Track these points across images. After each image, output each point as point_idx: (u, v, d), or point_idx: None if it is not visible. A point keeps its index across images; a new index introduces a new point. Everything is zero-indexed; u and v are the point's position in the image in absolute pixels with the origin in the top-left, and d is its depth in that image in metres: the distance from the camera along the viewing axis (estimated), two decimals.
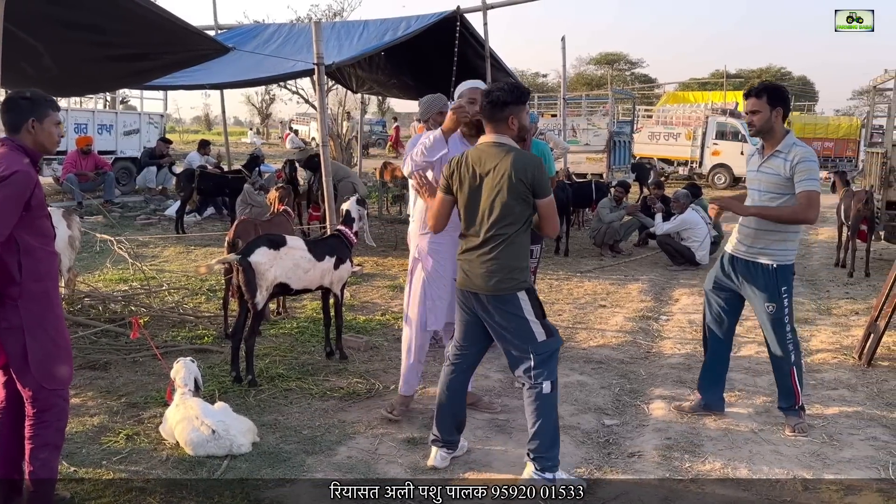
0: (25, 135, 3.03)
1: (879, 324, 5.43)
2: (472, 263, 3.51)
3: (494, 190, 3.40)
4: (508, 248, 3.44)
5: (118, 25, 5.89)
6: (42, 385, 3.04)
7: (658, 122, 25.70)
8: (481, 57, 10.26)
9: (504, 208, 3.39)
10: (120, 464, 3.72)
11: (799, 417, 4.24)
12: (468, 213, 3.52)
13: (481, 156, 3.48)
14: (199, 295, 7.19)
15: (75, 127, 15.20)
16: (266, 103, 49.01)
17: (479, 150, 3.53)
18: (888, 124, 10.05)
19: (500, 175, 3.38)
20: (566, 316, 6.84)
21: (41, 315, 3.02)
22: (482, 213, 3.46)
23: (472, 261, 3.51)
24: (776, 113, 4.06)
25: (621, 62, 57.72)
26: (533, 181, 3.37)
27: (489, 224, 3.44)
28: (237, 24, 13.58)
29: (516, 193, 3.37)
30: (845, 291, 8.10)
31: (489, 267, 3.45)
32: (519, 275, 3.47)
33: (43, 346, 3.02)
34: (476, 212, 3.48)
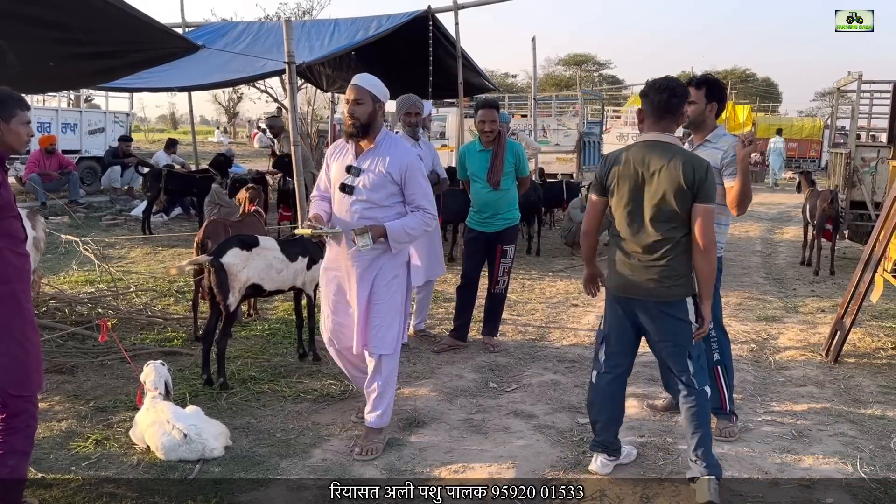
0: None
1: (845, 321, 5.54)
2: (635, 269, 3.35)
3: (661, 191, 3.24)
4: (678, 253, 3.31)
5: (85, 23, 5.77)
6: (9, 391, 2.96)
7: (626, 122, 25.93)
8: (453, 57, 10.26)
9: (672, 211, 3.25)
10: (89, 469, 3.65)
11: (729, 421, 4.14)
12: (629, 215, 3.33)
13: (645, 155, 3.30)
14: (168, 297, 7.08)
15: (38, 126, 14.87)
16: (233, 102, 48.50)
17: (641, 148, 3.33)
18: (852, 125, 10.27)
19: (670, 176, 3.23)
20: (539, 315, 6.87)
21: (8, 318, 2.94)
22: (647, 215, 3.29)
23: (636, 265, 3.35)
24: (710, 107, 4.05)
25: (589, 63, 58.24)
26: (700, 184, 3.23)
27: (657, 227, 3.28)
28: (205, 21, 13.38)
29: (683, 196, 3.23)
30: (811, 290, 8.25)
31: (660, 272, 3.31)
32: (688, 280, 3.36)
33: (9, 350, 2.94)
34: (639, 214, 3.31)
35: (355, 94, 3.73)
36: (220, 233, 5.61)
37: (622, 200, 3.35)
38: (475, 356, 5.58)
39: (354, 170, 3.80)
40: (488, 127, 5.53)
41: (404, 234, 3.81)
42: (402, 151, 3.85)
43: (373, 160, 3.79)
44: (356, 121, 3.74)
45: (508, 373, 5.24)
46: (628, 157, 3.34)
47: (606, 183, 3.41)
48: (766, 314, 6.96)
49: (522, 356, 5.62)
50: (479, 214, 5.67)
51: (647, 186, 3.29)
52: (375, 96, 3.76)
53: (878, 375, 5.27)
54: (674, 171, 3.24)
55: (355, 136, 3.80)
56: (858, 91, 10.15)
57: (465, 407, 4.59)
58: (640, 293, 3.38)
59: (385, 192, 3.79)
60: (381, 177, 3.76)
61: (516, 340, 6.05)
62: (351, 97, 3.74)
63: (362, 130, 3.76)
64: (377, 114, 3.79)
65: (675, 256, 3.31)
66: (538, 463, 3.82)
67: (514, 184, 5.70)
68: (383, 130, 3.88)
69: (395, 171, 3.77)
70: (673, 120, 3.36)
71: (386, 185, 3.78)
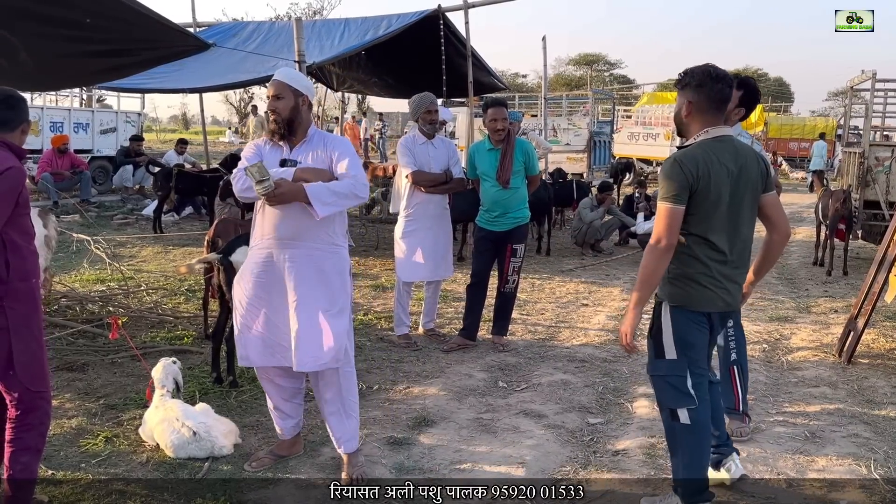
0: (18, 135, 3.05)
1: (859, 322, 5.48)
2: (732, 278, 3.10)
3: (749, 191, 3.05)
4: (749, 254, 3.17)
5: (95, 21, 5.80)
6: (27, 387, 2.97)
7: (637, 122, 25.84)
8: (463, 56, 10.25)
9: (755, 210, 3.10)
10: (99, 466, 3.66)
11: (741, 422, 4.07)
12: (728, 220, 3.02)
13: (728, 153, 3.01)
14: (178, 295, 7.10)
15: (51, 125, 14.98)
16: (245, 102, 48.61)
17: (718, 145, 3.02)
18: (865, 124, 10.18)
19: (754, 173, 3.06)
20: (548, 315, 6.84)
21: (27, 315, 2.96)
22: (741, 220, 3.06)
23: (733, 275, 3.10)
24: (738, 112, 3.95)
25: (600, 63, 58.07)
26: (767, 174, 3.10)
27: (747, 230, 3.08)
28: (216, 21, 13.43)
29: (759, 189, 3.08)
30: (824, 290, 8.19)
31: (743, 280, 3.18)
32: None
33: (28, 347, 2.96)
34: (735, 218, 3.04)
35: (275, 89, 3.46)
36: (231, 231, 5.59)
37: (718, 205, 2.98)
38: (484, 355, 5.56)
39: (291, 162, 3.46)
40: (500, 125, 5.51)
41: (328, 193, 3.33)
42: (337, 140, 3.65)
43: (309, 152, 3.49)
44: (277, 116, 3.47)
45: (518, 372, 5.22)
46: (714, 157, 2.98)
47: (697, 188, 2.95)
48: (779, 314, 6.91)
49: (532, 356, 5.59)
50: (488, 213, 5.65)
51: (738, 187, 3.02)
52: (297, 90, 3.49)
53: (892, 376, 5.21)
54: (754, 166, 3.07)
55: (279, 133, 3.48)
56: (872, 90, 10.06)
57: (474, 406, 4.57)
58: (731, 306, 3.14)
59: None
60: (317, 166, 3.48)
61: (526, 340, 6.02)
62: (271, 93, 3.48)
63: (286, 126, 3.47)
64: (300, 108, 3.49)
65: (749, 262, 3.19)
66: (548, 463, 3.80)
67: (523, 182, 5.68)
68: (313, 126, 3.62)
69: (327, 158, 3.50)
70: (725, 111, 3.13)
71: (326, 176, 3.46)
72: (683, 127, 3.15)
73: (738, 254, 3.09)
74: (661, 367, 3.15)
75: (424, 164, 5.67)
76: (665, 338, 3.12)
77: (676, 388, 3.10)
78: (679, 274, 3.08)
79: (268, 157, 3.48)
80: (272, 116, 3.50)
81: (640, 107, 29.77)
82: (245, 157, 3.54)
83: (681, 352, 3.10)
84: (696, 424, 3.09)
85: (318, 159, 3.49)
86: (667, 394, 3.15)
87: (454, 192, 5.95)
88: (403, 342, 5.71)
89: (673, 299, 3.11)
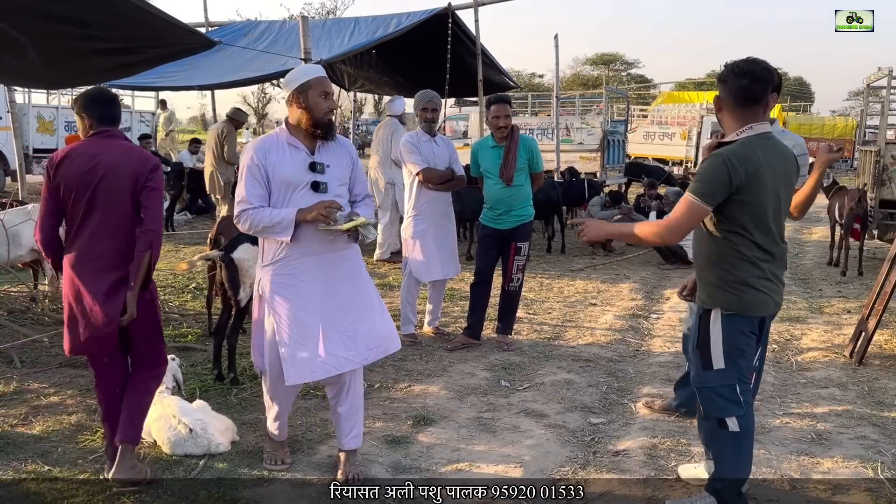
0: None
1: (870, 322, 5.38)
2: (781, 283, 3.02)
3: (788, 189, 2.98)
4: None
5: (102, 19, 5.82)
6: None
7: (653, 121, 25.71)
8: (472, 54, 10.21)
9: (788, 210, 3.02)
10: (96, 463, 3.65)
11: None
12: (773, 222, 2.92)
13: (773, 150, 2.93)
14: (186, 293, 7.12)
15: (66, 125, 15.11)
16: (262, 103, 48.97)
17: (763, 142, 2.91)
18: (881, 122, 10.02)
19: (791, 173, 2.97)
20: (555, 314, 6.78)
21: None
22: (782, 219, 2.97)
23: (781, 277, 3.02)
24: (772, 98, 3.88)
25: (617, 62, 57.79)
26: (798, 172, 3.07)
27: (782, 230, 2.99)
28: (229, 21, 13.48)
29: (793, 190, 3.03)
30: (838, 290, 8.06)
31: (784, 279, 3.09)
32: None
33: None
34: (779, 219, 2.95)
35: (328, 86, 3.46)
36: (234, 229, 5.57)
37: (766, 206, 2.88)
38: (488, 354, 5.51)
39: (320, 166, 3.40)
40: (502, 122, 5.46)
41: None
42: (347, 143, 3.65)
43: (333, 154, 3.47)
44: (332, 113, 3.49)
45: (521, 371, 5.17)
46: (762, 156, 2.86)
47: (745, 188, 2.83)
48: (790, 314, 6.80)
49: (536, 355, 5.54)
50: (492, 211, 5.61)
51: (782, 186, 2.94)
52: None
53: None
54: (793, 165, 2.99)
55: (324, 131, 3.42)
56: (888, 87, 9.90)
57: (475, 405, 4.53)
58: (779, 306, 3.07)
59: (345, 186, 3.53)
60: (344, 170, 3.50)
61: (531, 339, 5.97)
62: (325, 89, 3.42)
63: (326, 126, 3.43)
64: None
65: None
66: (546, 463, 3.74)
67: (527, 180, 5.62)
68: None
69: (349, 162, 3.54)
70: (759, 108, 2.94)
71: (346, 179, 3.52)
72: (721, 122, 3.08)
73: (781, 253, 3.02)
74: (711, 379, 3.05)
75: (430, 162, 5.63)
76: (714, 347, 3.02)
77: (725, 398, 3.02)
78: (734, 280, 2.95)
79: (291, 158, 3.38)
80: (333, 110, 3.49)
81: (656, 106, 29.61)
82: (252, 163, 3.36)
83: (730, 361, 3.00)
84: (744, 431, 3.04)
85: (340, 164, 3.49)
86: (716, 404, 3.06)
87: (456, 189, 5.91)
88: (409, 341, 5.68)
89: (727, 307, 2.99)
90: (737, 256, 2.93)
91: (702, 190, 2.85)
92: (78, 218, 3.28)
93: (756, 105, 2.94)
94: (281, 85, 3.61)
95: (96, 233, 3.27)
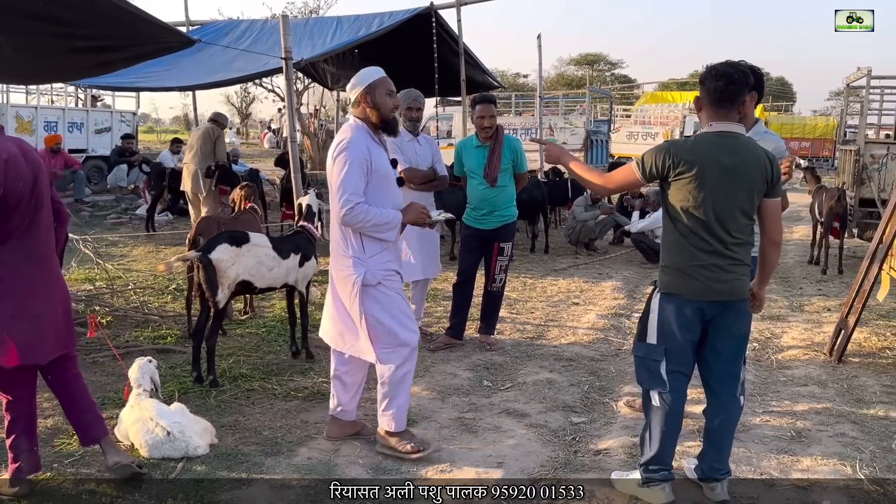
0: None
1: (849, 320, 5.42)
2: (719, 269, 3.10)
3: (745, 187, 3.06)
4: (750, 248, 3.19)
5: (79, 17, 5.76)
6: None
7: (636, 121, 25.80)
8: (456, 53, 10.20)
9: (752, 207, 3.11)
10: (71, 466, 3.60)
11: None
12: (714, 211, 3.06)
13: (724, 147, 3.07)
14: (166, 294, 7.05)
15: (45, 125, 14.95)
16: (246, 103, 48.57)
17: (715, 139, 3.09)
18: (861, 122, 10.12)
19: (754, 171, 3.06)
20: (538, 314, 6.78)
21: None
22: (731, 212, 3.07)
23: (720, 265, 3.10)
24: (751, 97, 3.87)
25: (601, 63, 57.93)
26: (777, 179, 3.13)
27: (740, 224, 3.10)
28: (210, 20, 13.37)
29: (761, 191, 3.10)
30: (818, 288, 8.12)
31: (742, 271, 3.15)
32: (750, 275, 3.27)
33: None
34: (724, 211, 3.06)
35: (392, 85, 3.75)
36: (214, 229, 5.56)
37: (703, 196, 3.04)
38: (471, 354, 5.50)
39: (394, 162, 3.82)
40: (487, 122, 5.45)
41: None
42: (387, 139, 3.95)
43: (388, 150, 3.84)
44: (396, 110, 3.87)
45: (504, 371, 5.16)
46: (705, 150, 3.06)
47: (671, 174, 3.08)
48: (771, 313, 6.83)
49: (519, 354, 5.53)
50: (475, 211, 5.59)
51: (731, 181, 3.04)
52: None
53: (882, 375, 5.14)
54: (756, 165, 3.07)
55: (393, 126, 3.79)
56: (868, 87, 9.99)
57: (457, 406, 4.51)
58: (725, 294, 3.12)
59: None
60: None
61: (514, 339, 5.96)
62: (392, 88, 3.73)
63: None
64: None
65: (748, 252, 3.22)
66: (527, 462, 3.73)
67: (511, 180, 5.61)
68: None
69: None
70: (733, 109, 3.12)
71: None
72: (701, 121, 3.25)
73: (729, 246, 3.11)
74: (641, 350, 3.31)
75: (412, 162, 5.59)
76: (650, 323, 3.26)
77: (651, 372, 3.25)
78: (671, 263, 3.20)
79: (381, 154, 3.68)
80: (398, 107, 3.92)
81: (639, 106, 29.73)
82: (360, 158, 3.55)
83: (662, 338, 3.21)
84: (666, 410, 3.23)
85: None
86: (642, 375, 3.33)
87: (438, 189, 5.88)
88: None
89: (664, 287, 3.23)
90: (675, 241, 3.17)
91: (642, 162, 3.18)
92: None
93: (730, 106, 3.12)
94: (346, 88, 3.78)
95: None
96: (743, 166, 3.06)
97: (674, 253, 3.18)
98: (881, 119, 11.27)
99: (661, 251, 3.30)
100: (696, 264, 3.11)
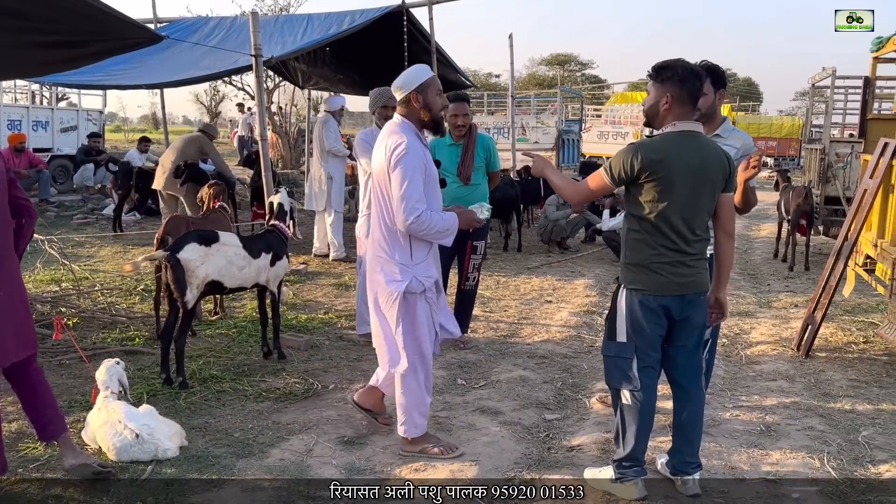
0: None
1: (816, 315, 5.51)
2: (686, 265, 3.16)
3: (710, 185, 3.13)
4: (707, 244, 3.27)
5: (43, 12, 5.61)
6: None
7: (607, 121, 26.00)
8: (428, 52, 10.17)
9: (713, 203, 3.17)
10: (37, 470, 3.53)
11: None
12: (684, 210, 3.10)
13: (691, 147, 3.11)
14: (134, 295, 6.94)
15: (8, 123, 14.62)
16: (215, 101, 47.98)
17: (682, 140, 3.12)
18: (826, 121, 10.30)
19: (717, 169, 3.13)
20: (511, 312, 6.79)
21: None
22: (697, 211, 3.14)
23: (686, 261, 3.16)
24: (719, 95, 3.89)
25: (572, 63, 58.28)
26: (732, 175, 3.21)
27: (704, 223, 3.18)
28: (178, 17, 13.17)
29: (720, 187, 3.16)
30: (785, 285, 8.24)
31: (702, 265, 3.22)
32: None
33: None
34: (692, 209, 3.12)
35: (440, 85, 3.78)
36: (182, 229, 5.47)
37: (671, 197, 3.08)
38: (445, 353, 5.47)
39: (437, 163, 3.85)
40: (461, 121, 5.44)
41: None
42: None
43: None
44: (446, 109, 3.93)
45: (477, 369, 5.16)
46: (673, 151, 3.09)
47: (641, 177, 3.09)
48: (739, 309, 6.93)
49: (493, 353, 5.54)
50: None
51: (697, 182, 3.10)
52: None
53: (848, 369, 5.24)
54: (718, 163, 3.15)
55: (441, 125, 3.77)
56: (832, 87, 10.18)
57: (431, 404, 4.45)
58: (687, 288, 3.18)
59: None
60: None
61: (487, 337, 5.97)
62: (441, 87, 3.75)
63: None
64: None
65: (706, 247, 3.28)
66: (501, 461, 3.73)
67: (484, 179, 5.61)
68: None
69: None
70: (695, 108, 3.20)
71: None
72: (657, 119, 3.22)
73: (692, 243, 3.18)
74: (611, 349, 3.32)
75: None
76: (619, 321, 3.28)
77: (621, 370, 3.26)
78: (635, 260, 3.23)
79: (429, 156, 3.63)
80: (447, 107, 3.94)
81: (610, 106, 29.96)
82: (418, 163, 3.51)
83: (631, 336, 3.24)
84: (638, 407, 3.26)
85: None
86: (612, 373, 3.33)
87: None
88: (365, 341, 5.61)
89: (630, 284, 3.25)
90: (638, 238, 3.21)
91: (614, 170, 3.16)
92: None
93: (694, 105, 3.18)
94: (392, 86, 3.71)
95: None
96: (707, 166, 3.12)
97: (637, 250, 3.22)
98: (846, 118, 11.47)
99: (622, 248, 3.34)
100: (661, 261, 3.16)
